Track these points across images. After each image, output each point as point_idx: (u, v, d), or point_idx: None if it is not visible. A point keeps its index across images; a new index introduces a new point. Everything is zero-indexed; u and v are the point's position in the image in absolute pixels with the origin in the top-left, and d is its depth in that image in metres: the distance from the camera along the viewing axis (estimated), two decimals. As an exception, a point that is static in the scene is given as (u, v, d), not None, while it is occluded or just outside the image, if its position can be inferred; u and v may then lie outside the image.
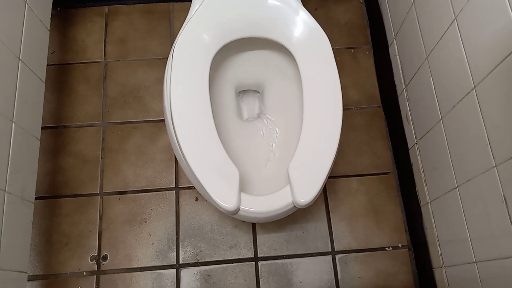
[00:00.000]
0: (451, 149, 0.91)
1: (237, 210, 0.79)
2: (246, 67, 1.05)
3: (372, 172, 1.21)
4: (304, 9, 0.92)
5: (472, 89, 0.79)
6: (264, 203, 0.81)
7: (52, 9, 1.15)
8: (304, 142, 0.83)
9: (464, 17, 0.81)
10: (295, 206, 0.81)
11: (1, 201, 0.83)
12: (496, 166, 0.74)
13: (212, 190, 0.79)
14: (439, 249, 1.02)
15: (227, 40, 0.91)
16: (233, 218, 1.12)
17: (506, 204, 0.72)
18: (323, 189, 1.19)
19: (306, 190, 0.80)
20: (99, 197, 1.16)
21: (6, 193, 0.85)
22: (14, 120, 0.90)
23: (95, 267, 1.10)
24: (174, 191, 1.18)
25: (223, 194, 0.79)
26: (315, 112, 0.86)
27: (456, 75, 0.85)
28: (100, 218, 1.14)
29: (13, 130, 0.89)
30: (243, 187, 0.83)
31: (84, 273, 1.10)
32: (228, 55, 1.01)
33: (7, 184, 0.86)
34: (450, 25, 0.85)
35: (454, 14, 0.84)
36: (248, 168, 0.98)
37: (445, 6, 0.87)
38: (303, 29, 0.91)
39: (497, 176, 0.74)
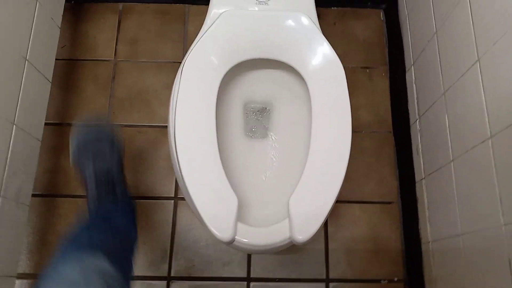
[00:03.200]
0: (459, 193, 0.88)
1: (232, 241, 0.77)
2: (256, 85, 1.02)
3: (376, 200, 1.18)
4: (323, 36, 0.89)
5: (488, 139, 0.75)
6: (260, 236, 0.78)
7: (66, 1, 1.13)
8: (308, 176, 0.81)
9: (488, 60, 0.77)
10: (291, 241, 0.79)
11: (-6, 206, 0.82)
12: (504, 225, 0.71)
13: (207, 218, 0.77)
14: (436, 291, 0.99)
15: (239, 60, 0.88)
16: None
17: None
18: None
19: (305, 227, 0.77)
20: (96, 200, 1.14)
21: (0, 197, 0.84)
22: (15, 123, 0.88)
23: (86, 271, 1.09)
24: (173, 201, 1.16)
25: (219, 222, 0.77)
26: (322, 145, 0.83)
27: (473, 119, 0.81)
28: (96, 221, 1.13)
29: (13, 133, 0.87)
30: (241, 208, 0.81)
31: (75, 275, 1.09)
32: (238, 72, 0.99)
33: (2, 188, 0.84)
34: (472, 66, 0.82)
35: (478, 55, 0.80)
36: (248, 188, 0.95)
37: (469, 44, 0.83)
38: (321, 59, 0.88)
39: (504, 238, 0.70)
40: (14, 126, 0.88)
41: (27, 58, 0.92)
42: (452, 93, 0.91)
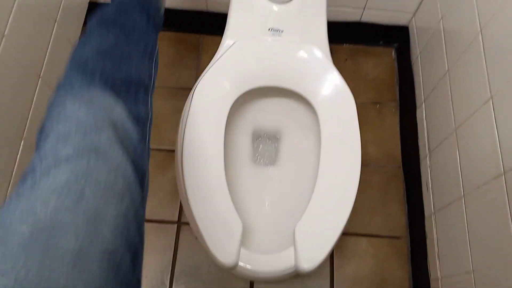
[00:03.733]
0: (470, 230, 0.85)
1: (235, 266, 0.75)
2: (266, 113, 1.03)
3: (384, 235, 1.16)
4: (334, 68, 0.90)
5: (501, 175, 0.74)
6: (264, 263, 0.77)
7: (84, 25, 1.15)
8: (315, 204, 0.79)
9: (501, 98, 0.77)
10: (296, 270, 0.76)
11: None
12: (518, 263, 0.68)
13: (211, 241, 0.76)
14: (444, 333, 0.95)
15: (250, 87, 0.89)
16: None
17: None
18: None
19: (311, 256, 0.75)
20: (99, 221, 1.13)
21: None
22: (24, 138, 0.88)
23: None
24: (176, 225, 1.14)
25: (222, 247, 0.75)
26: (330, 174, 0.82)
27: (485, 155, 0.80)
28: (97, 243, 1.11)
29: (21, 148, 0.87)
30: (245, 235, 0.79)
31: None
32: (249, 99, 0.99)
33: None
34: (485, 103, 0.81)
35: (491, 93, 0.80)
36: (254, 214, 0.94)
37: (482, 82, 0.83)
38: (331, 89, 0.88)
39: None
40: (23, 141, 0.88)
41: (41, 76, 0.93)
42: (464, 130, 0.91)
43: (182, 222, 1.14)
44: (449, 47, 1.00)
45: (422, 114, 1.14)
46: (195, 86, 0.88)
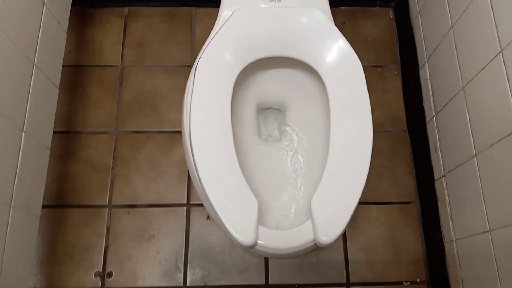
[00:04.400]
0: (485, 189, 0.85)
1: (254, 245, 0.74)
2: (269, 85, 1.00)
3: (393, 201, 1.15)
4: (338, 31, 0.86)
5: (517, 131, 0.73)
6: (283, 239, 0.75)
7: (72, 6, 1.10)
8: (329, 176, 0.78)
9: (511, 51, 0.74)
10: (316, 244, 0.75)
11: (5, 217, 0.79)
12: (540, 219, 0.68)
13: (228, 221, 0.74)
14: (462, 291, 0.96)
15: (253, 59, 0.86)
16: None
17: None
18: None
19: (330, 228, 0.74)
20: (107, 209, 1.11)
21: (11, 207, 0.81)
22: (24, 130, 0.85)
23: (99, 283, 1.06)
24: (185, 208, 1.13)
25: (240, 226, 0.74)
26: (342, 143, 0.80)
27: (497, 112, 0.79)
28: (107, 231, 1.10)
29: (23, 140, 0.84)
30: (261, 212, 0.78)
31: None
32: (252, 71, 0.96)
33: (13, 198, 0.81)
34: (494, 58, 0.79)
35: (500, 47, 0.77)
36: (266, 191, 0.93)
37: (489, 36, 0.80)
38: (337, 54, 0.85)
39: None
40: (24, 133, 0.85)
41: (34, 63, 0.89)
42: (472, 87, 0.89)
43: (192, 204, 1.13)
44: (451, 1, 0.97)
45: (425, 74, 1.12)
46: (196, 61, 0.85)
